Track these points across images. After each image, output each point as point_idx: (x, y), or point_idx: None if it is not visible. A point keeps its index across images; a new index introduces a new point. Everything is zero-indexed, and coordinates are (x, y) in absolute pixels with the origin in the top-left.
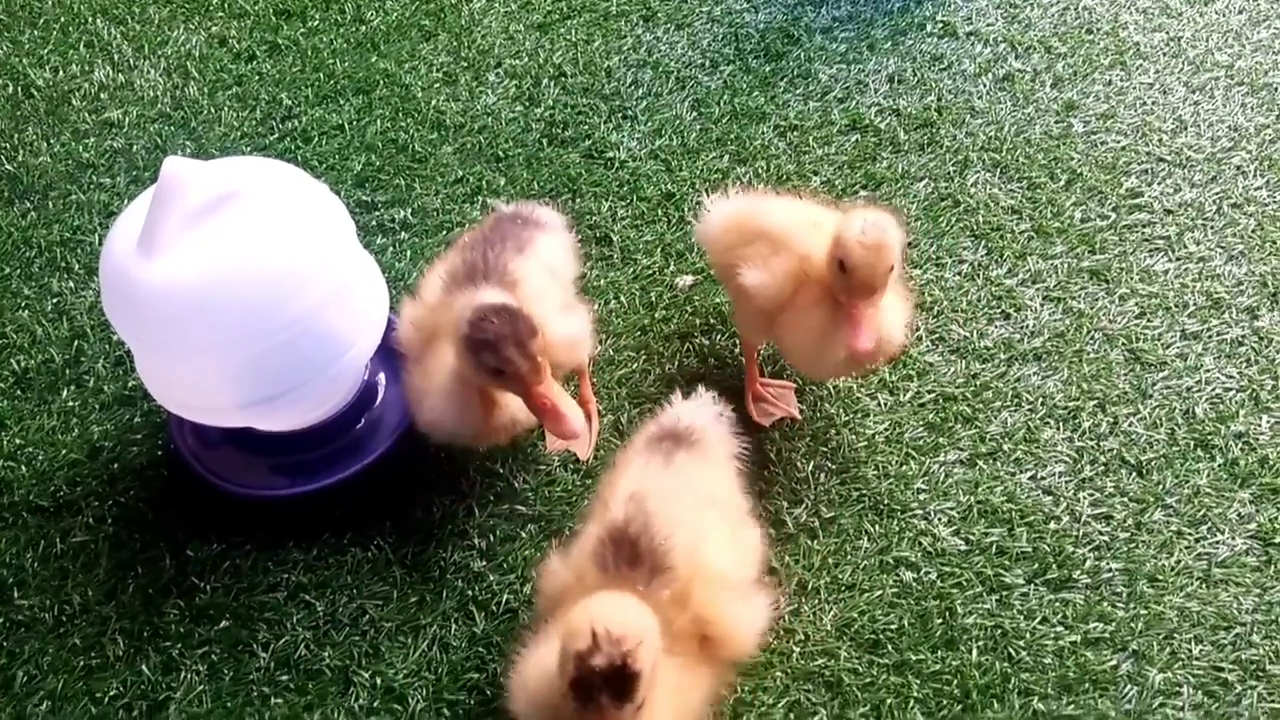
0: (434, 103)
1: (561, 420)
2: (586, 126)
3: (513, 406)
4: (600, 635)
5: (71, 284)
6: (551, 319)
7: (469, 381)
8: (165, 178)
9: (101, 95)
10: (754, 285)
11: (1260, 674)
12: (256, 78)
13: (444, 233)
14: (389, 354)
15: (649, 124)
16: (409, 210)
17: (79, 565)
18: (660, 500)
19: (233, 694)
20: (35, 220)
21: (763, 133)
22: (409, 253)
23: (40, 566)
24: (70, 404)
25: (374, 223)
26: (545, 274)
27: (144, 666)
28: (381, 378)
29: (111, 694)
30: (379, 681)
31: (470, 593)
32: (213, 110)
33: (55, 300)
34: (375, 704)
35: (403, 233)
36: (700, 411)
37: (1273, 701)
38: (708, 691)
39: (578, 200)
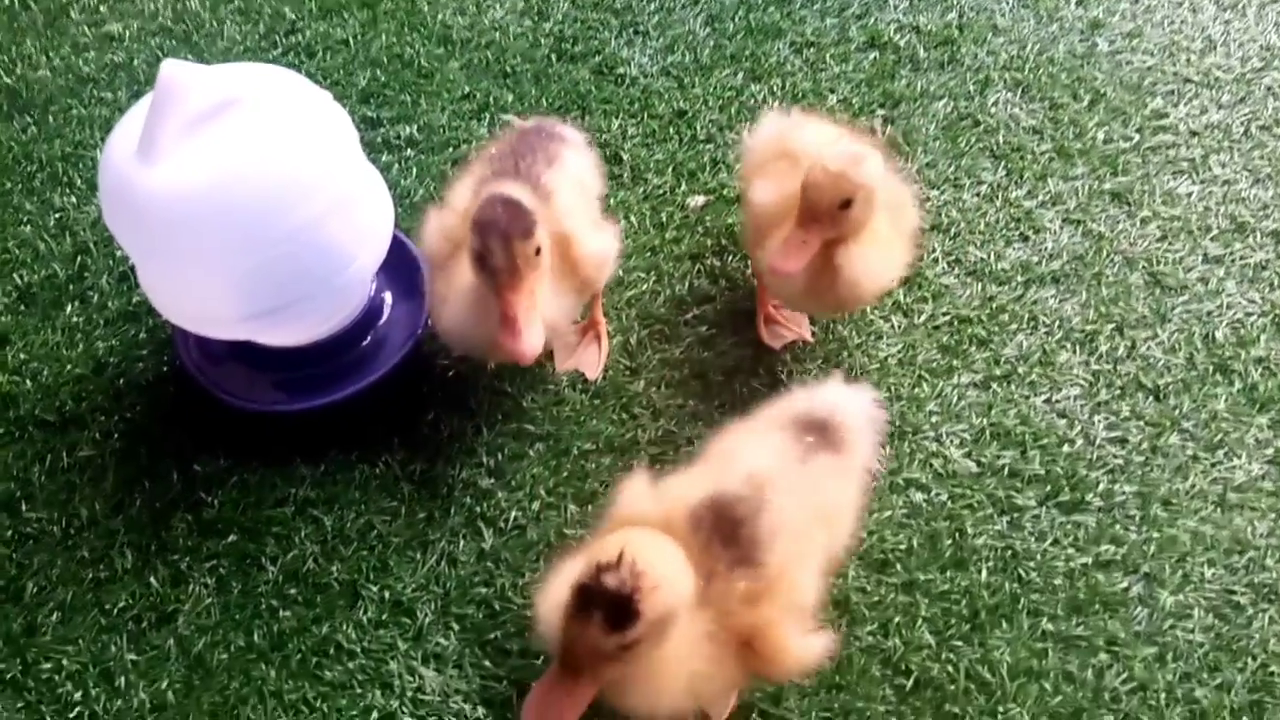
0: (440, 17)
1: (514, 336)
2: (597, 42)
3: (544, 316)
4: (626, 561)
5: (74, 199)
6: (584, 234)
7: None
8: (163, 80)
9: (101, 8)
10: (756, 200)
11: (1273, 597)
12: None
13: (450, 149)
14: (395, 271)
15: (661, 40)
16: (415, 127)
17: (86, 479)
18: (782, 496)
19: (241, 606)
20: (36, 135)
21: (778, 49)
22: (415, 170)
23: (48, 480)
24: (74, 319)
25: (379, 139)
26: (576, 189)
27: (152, 579)
28: (387, 295)
29: (120, 605)
30: (387, 595)
31: (478, 509)
32: (214, 24)
33: (58, 215)
34: (384, 617)
35: (408, 149)
36: (857, 407)
37: None
38: (725, 690)
39: (587, 118)
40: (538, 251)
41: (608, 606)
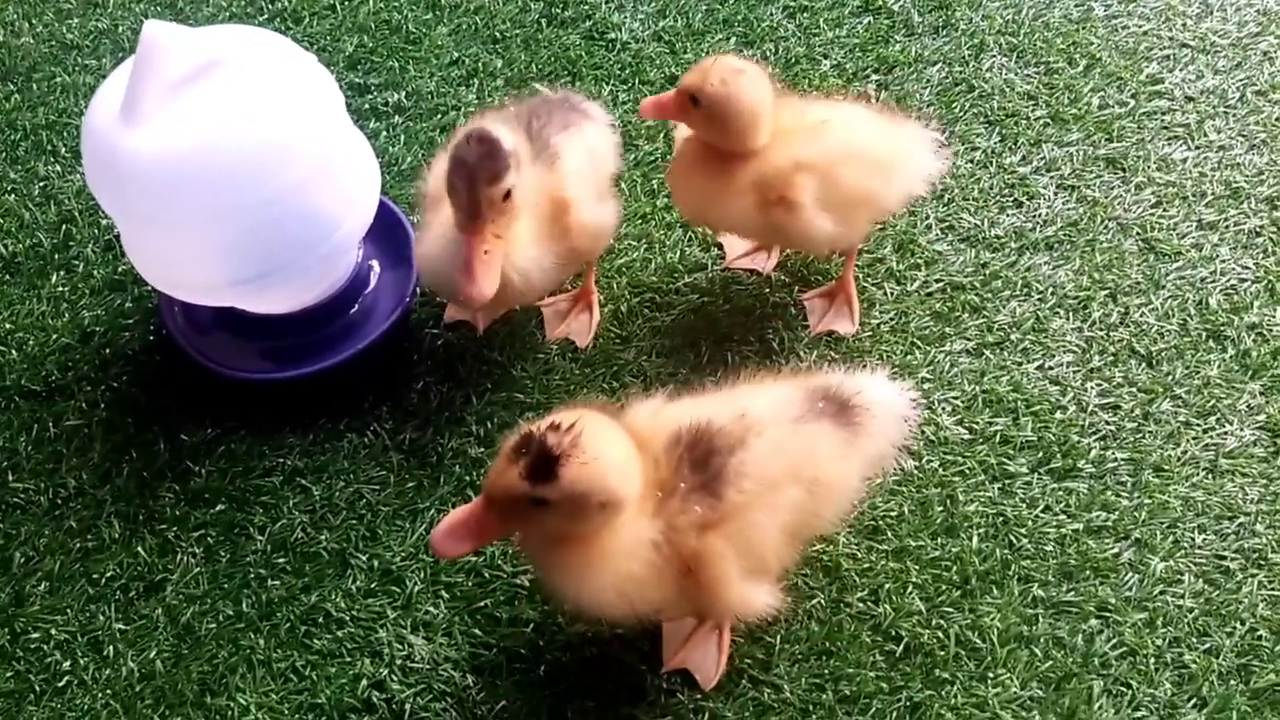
0: None
1: (468, 279)
2: (587, 6)
3: (516, 264)
4: (574, 431)
5: (58, 167)
6: (584, 202)
7: None
8: (146, 42)
9: None
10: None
11: (1262, 562)
12: None
13: (439, 116)
14: (382, 239)
15: (652, 4)
16: (403, 93)
17: (73, 449)
18: (767, 445)
19: (229, 576)
20: (19, 103)
21: (771, 13)
22: (403, 137)
23: (34, 450)
24: (60, 289)
25: (367, 106)
26: (586, 156)
27: (140, 549)
28: (375, 263)
29: (109, 575)
30: (376, 564)
31: (468, 478)
32: None
33: (42, 184)
34: (373, 586)
35: (396, 116)
36: (887, 400)
37: (1273, 589)
38: (659, 606)
39: (578, 83)
40: (507, 196)
41: (535, 457)
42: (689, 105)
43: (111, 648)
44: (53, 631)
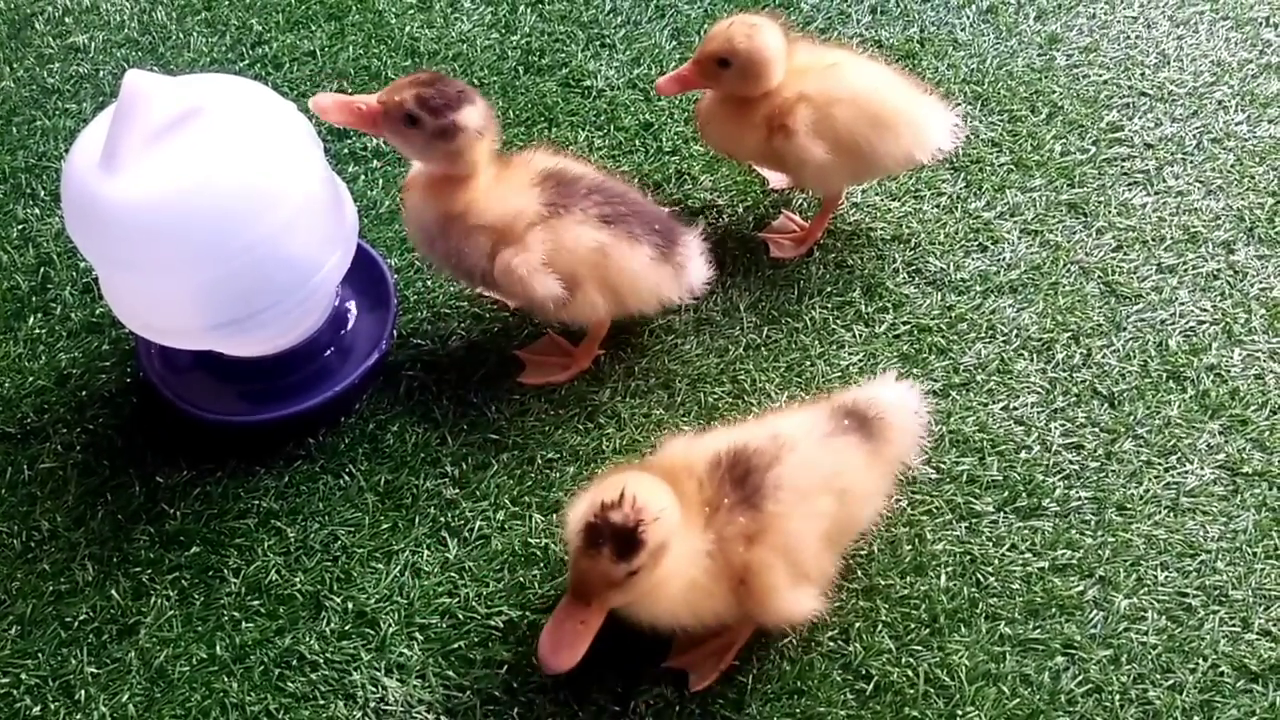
0: (407, 29)
1: None
2: (563, 54)
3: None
4: (627, 498)
5: (37, 210)
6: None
7: None
8: (127, 91)
9: (66, 19)
10: None
11: (1223, 599)
12: (226, 2)
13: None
14: (360, 282)
15: (628, 52)
16: (381, 138)
17: (47, 491)
18: (799, 459)
19: (203, 618)
20: None
21: None
22: (380, 180)
23: (8, 493)
24: (37, 331)
25: (345, 151)
26: None
27: (114, 592)
28: (352, 305)
29: (81, 618)
30: (350, 606)
31: (443, 519)
32: (181, 35)
33: (21, 227)
34: (346, 628)
35: (374, 160)
36: (901, 402)
37: (1233, 625)
38: (719, 614)
39: (554, 130)
40: None
41: (615, 539)
42: (718, 70)
43: (83, 692)
44: (23, 676)
